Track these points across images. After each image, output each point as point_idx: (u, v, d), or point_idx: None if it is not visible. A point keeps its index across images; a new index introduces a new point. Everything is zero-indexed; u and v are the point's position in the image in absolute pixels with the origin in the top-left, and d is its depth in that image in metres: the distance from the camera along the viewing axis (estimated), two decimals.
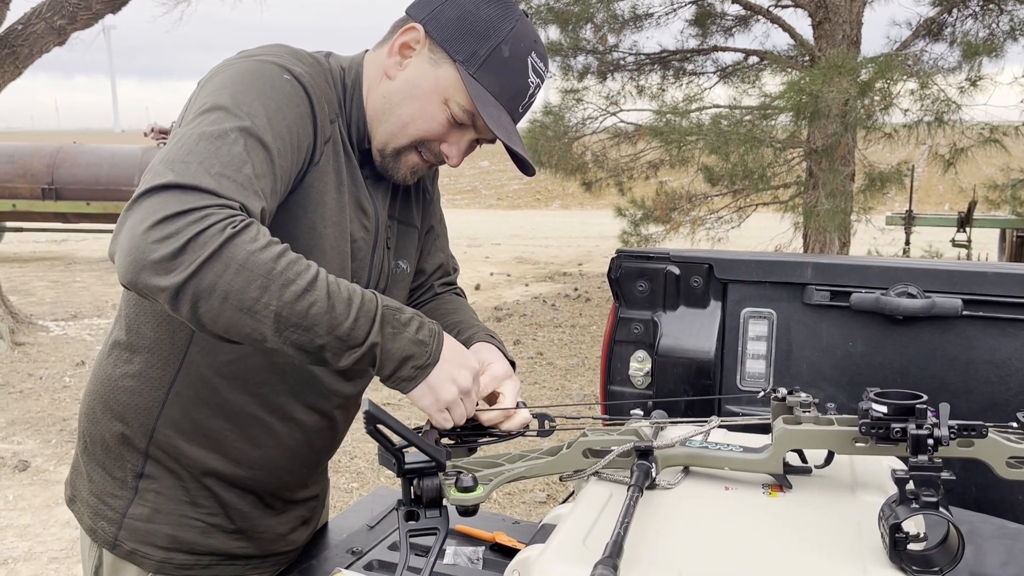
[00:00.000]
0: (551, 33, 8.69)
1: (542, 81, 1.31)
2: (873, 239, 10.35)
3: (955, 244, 9.72)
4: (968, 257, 9.37)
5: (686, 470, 1.23)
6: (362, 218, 1.34)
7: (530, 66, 1.27)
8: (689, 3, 8.76)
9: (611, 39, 8.85)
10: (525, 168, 1.33)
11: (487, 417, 1.29)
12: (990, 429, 1.08)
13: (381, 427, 1.05)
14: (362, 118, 1.32)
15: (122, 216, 1.03)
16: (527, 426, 1.34)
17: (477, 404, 1.30)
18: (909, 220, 9.65)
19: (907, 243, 9.67)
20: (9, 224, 12.29)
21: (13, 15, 7.25)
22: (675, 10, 8.75)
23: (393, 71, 1.29)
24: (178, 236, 0.98)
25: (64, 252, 13.49)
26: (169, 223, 0.98)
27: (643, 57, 8.89)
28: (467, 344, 1.42)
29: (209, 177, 1.03)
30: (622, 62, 8.92)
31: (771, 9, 8.28)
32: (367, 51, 1.38)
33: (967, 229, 9.71)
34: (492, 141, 1.34)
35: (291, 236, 1.21)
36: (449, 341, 1.21)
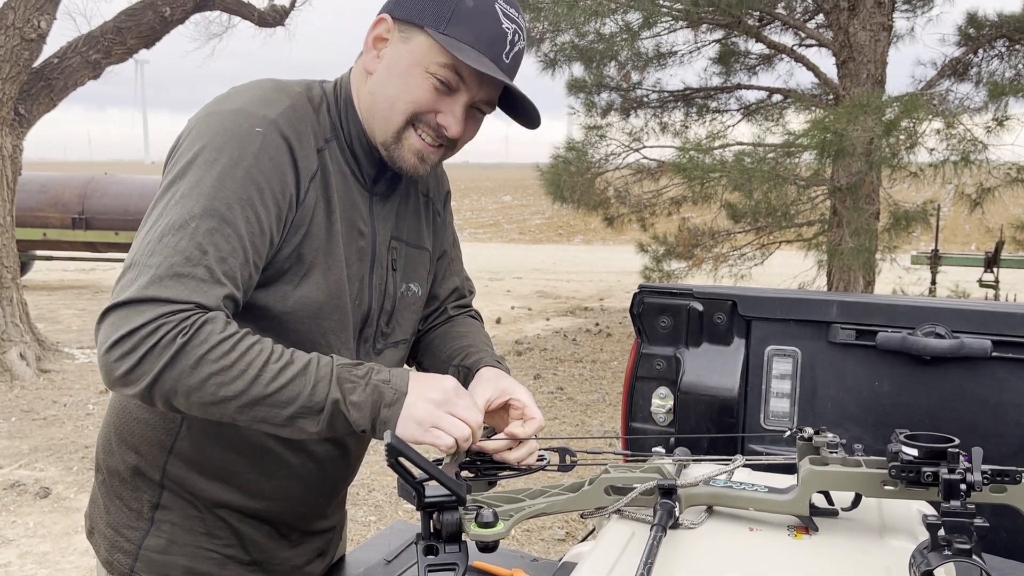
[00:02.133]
0: (575, 70, 8.78)
1: (519, 28, 1.28)
2: (898, 278, 10.25)
3: (982, 284, 9.59)
4: (996, 298, 9.24)
5: (710, 510, 1.21)
6: (358, 240, 1.34)
7: (499, 12, 1.25)
8: (713, 42, 8.82)
9: (635, 76, 8.93)
10: (529, 119, 1.32)
11: (492, 447, 1.27)
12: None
13: (402, 459, 1.04)
14: (361, 132, 1.33)
15: (96, 326, 1.14)
16: (544, 459, 1.32)
17: (486, 425, 1.29)
18: (935, 260, 9.54)
19: (933, 283, 9.55)
20: (39, 252, 12.48)
21: (49, 48, 7.44)
22: (699, 48, 8.82)
23: (372, 65, 1.30)
24: (134, 353, 1.09)
25: (92, 281, 13.67)
26: (126, 341, 1.10)
27: (666, 94, 8.95)
28: (472, 369, 1.40)
29: (167, 282, 1.12)
30: (645, 99, 8.98)
31: (795, 48, 8.32)
32: (352, 66, 1.38)
33: (994, 269, 9.58)
34: (492, 106, 1.32)
35: (280, 270, 1.25)
36: (415, 373, 1.23)
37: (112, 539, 1.40)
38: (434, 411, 1.18)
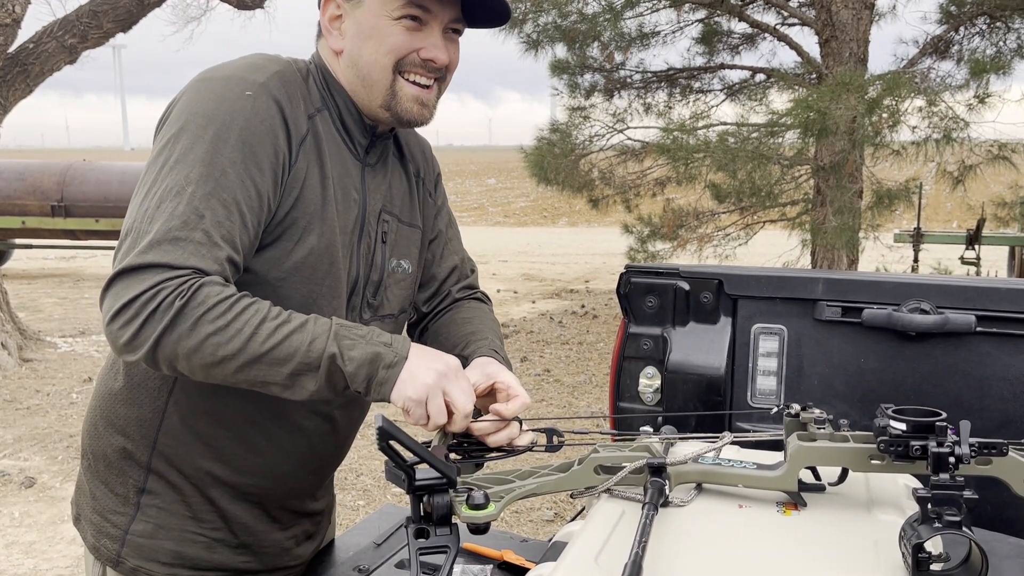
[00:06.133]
0: (558, 51, 8.73)
1: None
2: (881, 256, 10.33)
3: (964, 262, 9.67)
4: (978, 275, 9.32)
5: (699, 487, 1.21)
6: (350, 207, 1.35)
7: None
8: (695, 21, 8.79)
9: (618, 57, 8.89)
10: (495, 15, 1.33)
11: (478, 428, 1.27)
12: (1010, 447, 1.06)
13: (393, 443, 1.03)
14: (349, 102, 1.34)
15: (100, 296, 1.16)
16: (535, 441, 1.32)
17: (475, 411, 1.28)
18: (917, 237, 9.60)
19: (916, 260, 9.62)
20: (18, 241, 12.33)
21: (24, 34, 7.31)
22: (681, 28, 8.79)
23: (338, 43, 1.33)
24: (135, 320, 1.12)
25: (73, 269, 13.54)
26: (126, 310, 1.12)
27: (650, 75, 8.92)
28: (469, 359, 1.39)
29: (165, 246, 1.13)
30: (629, 80, 8.95)
31: (778, 27, 8.31)
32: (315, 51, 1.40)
33: (976, 247, 9.66)
34: (462, 23, 1.32)
35: (275, 234, 1.26)
36: (420, 345, 1.23)
37: (99, 525, 1.39)
38: (435, 380, 1.18)
